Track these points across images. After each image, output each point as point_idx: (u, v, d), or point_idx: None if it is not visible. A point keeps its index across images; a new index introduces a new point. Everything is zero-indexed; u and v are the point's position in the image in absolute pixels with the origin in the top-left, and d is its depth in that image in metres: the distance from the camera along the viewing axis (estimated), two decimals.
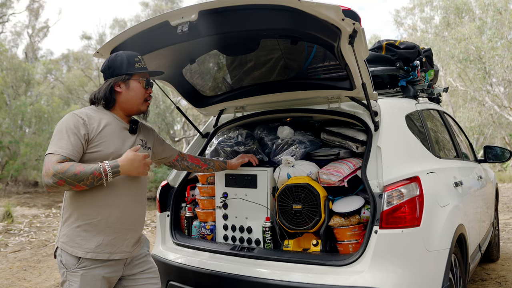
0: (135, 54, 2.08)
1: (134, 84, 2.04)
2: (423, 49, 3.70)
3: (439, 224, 2.31)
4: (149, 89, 2.11)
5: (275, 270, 2.30)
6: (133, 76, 2.04)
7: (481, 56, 16.76)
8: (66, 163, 1.76)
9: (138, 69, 2.04)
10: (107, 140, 1.93)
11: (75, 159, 1.83)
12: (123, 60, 2.04)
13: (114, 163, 1.83)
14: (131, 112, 2.09)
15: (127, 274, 2.06)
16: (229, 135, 2.97)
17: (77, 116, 1.91)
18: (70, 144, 1.82)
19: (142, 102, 2.08)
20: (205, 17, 2.00)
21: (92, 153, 1.90)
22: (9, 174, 18.39)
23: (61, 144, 1.82)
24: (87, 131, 1.88)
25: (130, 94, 2.04)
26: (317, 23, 1.96)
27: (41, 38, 27.08)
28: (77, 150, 1.84)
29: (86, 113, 1.95)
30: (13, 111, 19.15)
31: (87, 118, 1.92)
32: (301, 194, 2.46)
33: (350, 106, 2.69)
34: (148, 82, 2.09)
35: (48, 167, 1.75)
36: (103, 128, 1.94)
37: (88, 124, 1.89)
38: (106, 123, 1.97)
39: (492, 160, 4.24)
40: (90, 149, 1.89)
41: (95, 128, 1.91)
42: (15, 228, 7.65)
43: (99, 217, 1.91)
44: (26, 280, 4.65)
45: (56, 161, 1.76)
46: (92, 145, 1.89)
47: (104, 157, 1.90)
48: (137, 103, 2.07)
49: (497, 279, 4.16)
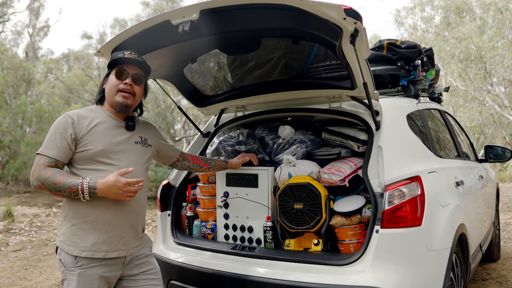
0: (122, 51, 2.08)
1: (111, 77, 2.06)
2: (424, 49, 3.70)
3: (440, 224, 2.31)
4: (126, 79, 2.03)
5: (276, 270, 2.30)
6: (113, 69, 2.06)
7: (482, 55, 16.75)
8: (50, 170, 1.81)
9: (115, 60, 2.05)
10: (97, 138, 1.94)
11: (62, 159, 1.88)
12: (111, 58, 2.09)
13: (93, 184, 1.80)
14: (112, 105, 2.05)
15: (127, 275, 2.04)
16: (230, 134, 2.97)
17: (67, 116, 1.95)
18: (56, 146, 1.87)
19: (116, 93, 2.02)
20: (206, 16, 2.00)
21: (82, 152, 1.91)
22: (10, 173, 18.39)
23: (49, 144, 1.88)
24: (75, 131, 1.90)
25: (107, 87, 2.07)
26: (319, 22, 1.96)
27: (41, 38, 27.10)
28: (63, 151, 1.88)
29: (77, 113, 1.97)
30: (14, 111, 19.16)
31: (77, 117, 1.94)
32: (302, 194, 2.46)
33: (351, 105, 2.69)
34: (120, 70, 2.03)
35: (34, 169, 1.84)
36: (93, 127, 1.95)
37: (76, 124, 1.92)
38: (98, 122, 1.98)
39: (493, 160, 4.24)
40: (79, 148, 1.91)
41: (84, 127, 1.93)
42: (15, 227, 7.66)
43: (94, 215, 1.90)
44: (27, 279, 4.65)
45: (43, 164, 1.84)
46: (82, 144, 1.91)
47: (94, 155, 1.91)
48: (111, 94, 2.04)
49: (497, 278, 4.16)
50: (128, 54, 2.06)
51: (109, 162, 1.94)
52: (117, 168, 1.92)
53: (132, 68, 2.07)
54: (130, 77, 2.04)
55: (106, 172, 1.88)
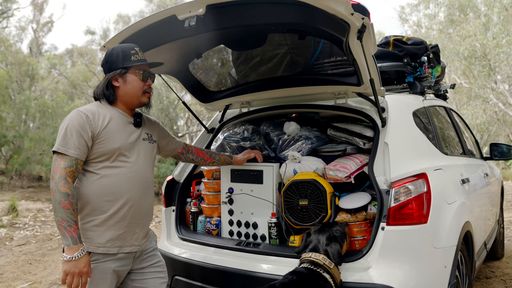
0: (132, 47, 2.05)
1: (131, 77, 2.02)
2: (430, 45, 3.67)
3: (446, 221, 2.30)
4: (148, 80, 2.07)
5: (280, 266, 2.29)
6: (130, 69, 2.02)
7: (486, 53, 16.64)
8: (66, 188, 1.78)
9: (134, 62, 2.02)
10: (112, 135, 1.94)
11: (81, 158, 1.87)
12: (119, 53, 2.02)
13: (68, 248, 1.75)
14: (132, 105, 2.07)
15: (135, 268, 2.08)
16: (235, 130, 2.96)
17: (82, 113, 1.92)
18: (74, 144, 1.85)
19: (141, 94, 2.05)
20: (213, 11, 1.99)
21: (99, 149, 1.91)
22: (14, 168, 18.44)
23: (66, 143, 1.85)
24: (92, 128, 1.89)
25: (128, 88, 2.03)
26: (326, 18, 1.94)
27: (45, 33, 27.07)
28: (81, 150, 1.86)
29: (90, 110, 1.95)
30: (18, 106, 19.18)
31: (92, 115, 1.92)
32: (307, 190, 2.45)
33: (357, 102, 2.67)
34: (146, 74, 2.06)
35: (55, 171, 1.81)
36: (107, 124, 1.94)
37: (92, 121, 1.90)
38: (110, 119, 1.97)
39: (498, 158, 4.20)
40: (96, 145, 1.91)
41: (99, 124, 1.92)
42: (20, 222, 7.69)
43: (110, 211, 1.92)
44: (32, 274, 4.67)
45: (64, 168, 1.81)
46: (98, 141, 1.91)
47: (111, 152, 1.92)
48: (136, 96, 2.04)
49: (502, 276, 4.15)
50: (139, 51, 2.06)
51: (124, 160, 1.96)
52: (131, 164, 1.96)
53: (148, 68, 2.11)
54: (151, 79, 2.10)
55: (122, 169, 1.93)
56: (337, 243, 2.14)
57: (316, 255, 2.10)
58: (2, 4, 19.97)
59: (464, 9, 18.51)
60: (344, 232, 2.24)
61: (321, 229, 2.24)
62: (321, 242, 2.16)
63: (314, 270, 2.04)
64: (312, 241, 2.20)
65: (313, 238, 2.21)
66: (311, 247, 2.17)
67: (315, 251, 2.13)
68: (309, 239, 2.22)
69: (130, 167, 1.97)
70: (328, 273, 2.04)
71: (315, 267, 2.05)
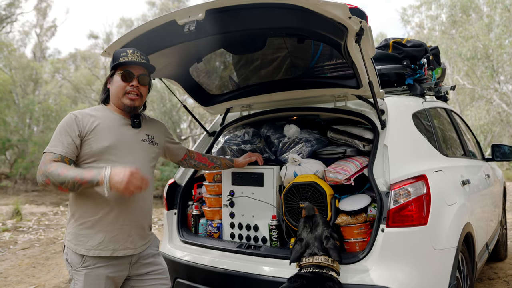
0: (125, 50, 2.06)
1: (116, 78, 2.06)
2: (430, 47, 3.68)
3: (446, 223, 2.30)
4: (133, 81, 2.03)
5: (281, 268, 2.30)
6: (117, 70, 2.05)
7: (489, 54, 16.61)
8: (55, 164, 1.80)
9: (119, 63, 2.03)
10: (102, 135, 1.95)
11: (68, 155, 1.87)
12: (113, 56, 2.08)
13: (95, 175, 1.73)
14: (118, 106, 2.07)
15: (134, 274, 2.05)
16: (236, 133, 2.98)
17: (72, 114, 1.96)
18: (62, 143, 1.87)
19: (122, 95, 2.03)
20: (212, 16, 2.01)
21: (88, 150, 1.92)
22: (18, 172, 18.53)
23: (55, 142, 1.89)
24: (80, 128, 1.92)
25: (112, 88, 2.07)
26: (324, 22, 1.96)
27: (48, 38, 27.23)
28: (68, 147, 1.88)
29: (82, 112, 2.00)
30: (22, 110, 19.30)
31: (81, 115, 1.96)
32: (307, 192, 2.47)
33: (356, 104, 2.69)
34: (125, 73, 2.02)
35: (40, 166, 1.82)
36: (98, 125, 1.96)
37: (80, 120, 1.93)
38: (102, 120, 1.99)
39: (500, 159, 4.20)
40: (84, 145, 1.92)
41: (88, 125, 1.94)
42: (24, 226, 7.73)
43: (100, 213, 1.91)
44: (35, 277, 4.70)
45: (49, 160, 1.82)
46: (87, 141, 1.92)
47: (100, 152, 1.92)
48: (118, 96, 2.04)
49: (504, 278, 4.13)
50: (131, 53, 2.04)
51: (114, 159, 1.94)
52: (122, 165, 1.88)
53: (137, 69, 2.06)
54: (136, 79, 2.04)
55: None
56: (332, 239, 2.12)
57: (317, 258, 2.09)
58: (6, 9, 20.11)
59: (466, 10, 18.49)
60: (326, 221, 2.24)
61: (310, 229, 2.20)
62: (317, 244, 2.13)
63: (321, 273, 2.03)
64: (308, 245, 2.15)
65: (307, 242, 2.16)
66: (309, 252, 2.13)
67: (314, 254, 2.11)
68: (302, 244, 2.16)
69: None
70: (333, 271, 2.05)
71: (320, 269, 2.05)
